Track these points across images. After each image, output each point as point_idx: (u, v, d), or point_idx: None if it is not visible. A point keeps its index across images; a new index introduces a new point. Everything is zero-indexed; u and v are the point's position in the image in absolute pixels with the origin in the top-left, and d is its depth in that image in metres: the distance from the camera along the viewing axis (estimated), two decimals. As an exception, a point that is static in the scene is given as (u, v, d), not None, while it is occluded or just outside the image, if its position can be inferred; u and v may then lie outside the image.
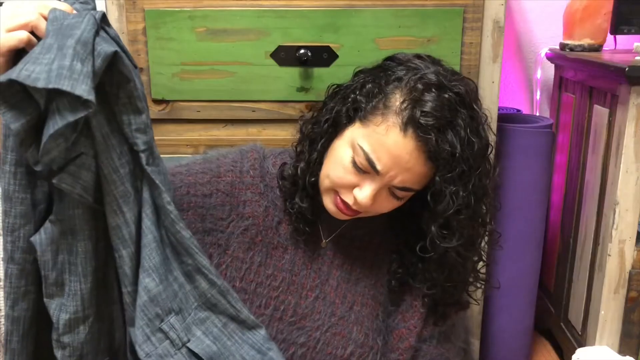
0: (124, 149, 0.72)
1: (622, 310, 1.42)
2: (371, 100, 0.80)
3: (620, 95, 1.33)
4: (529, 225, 1.52)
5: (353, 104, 0.82)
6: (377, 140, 0.77)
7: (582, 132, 1.57)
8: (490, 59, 1.29)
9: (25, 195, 0.71)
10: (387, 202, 0.82)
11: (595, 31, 1.63)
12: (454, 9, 1.23)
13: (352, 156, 0.80)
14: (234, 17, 1.22)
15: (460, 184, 0.77)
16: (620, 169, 1.33)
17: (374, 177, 0.79)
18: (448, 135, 0.75)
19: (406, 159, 0.77)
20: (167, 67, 1.25)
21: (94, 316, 0.77)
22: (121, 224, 0.73)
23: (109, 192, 0.71)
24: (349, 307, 0.91)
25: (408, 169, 0.77)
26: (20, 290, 0.74)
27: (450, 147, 0.75)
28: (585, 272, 1.53)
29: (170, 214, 0.75)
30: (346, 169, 0.80)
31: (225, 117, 1.30)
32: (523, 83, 1.89)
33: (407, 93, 0.78)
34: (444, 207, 0.78)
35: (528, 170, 1.48)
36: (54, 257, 0.73)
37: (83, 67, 0.62)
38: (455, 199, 0.77)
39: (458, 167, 0.76)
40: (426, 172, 0.79)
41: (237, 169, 0.91)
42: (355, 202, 0.81)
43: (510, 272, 1.54)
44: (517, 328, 1.60)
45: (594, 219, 1.48)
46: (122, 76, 0.68)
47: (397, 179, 0.78)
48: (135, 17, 1.23)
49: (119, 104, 0.70)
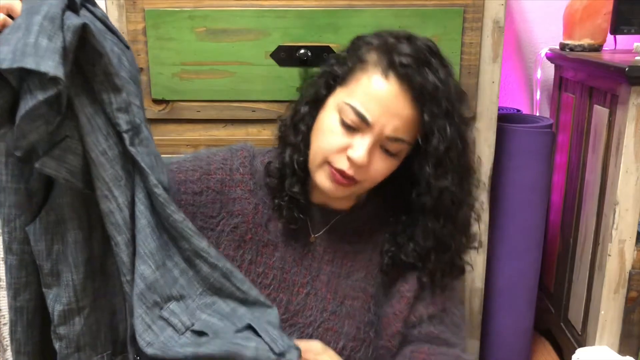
0: (111, 130, 0.69)
1: (622, 310, 1.42)
2: (347, 64, 0.83)
3: (620, 95, 1.33)
4: (529, 225, 1.52)
5: (329, 77, 0.85)
6: (362, 93, 0.79)
7: (582, 132, 1.57)
8: (490, 59, 1.29)
9: (19, 185, 0.70)
10: (382, 162, 0.82)
11: (595, 31, 1.63)
12: (454, 9, 1.23)
13: (339, 118, 0.81)
14: (234, 17, 1.22)
15: (446, 120, 0.79)
16: (620, 169, 1.33)
17: (364, 133, 0.79)
18: (427, 74, 0.78)
19: (393, 103, 0.78)
20: (167, 67, 1.25)
21: (90, 307, 0.75)
22: (114, 210, 0.69)
23: (99, 176, 0.68)
24: (340, 302, 0.91)
25: (396, 114, 0.78)
26: (21, 280, 0.74)
27: (432, 82, 0.78)
28: (585, 272, 1.53)
29: (158, 197, 0.70)
30: (335, 132, 0.81)
31: (225, 117, 1.30)
32: (523, 83, 1.89)
33: (381, 46, 0.81)
34: (435, 144, 0.79)
35: (528, 170, 1.48)
36: (48, 246, 0.72)
37: (50, 43, 0.59)
38: (445, 135, 0.79)
39: (442, 102, 0.79)
40: (414, 116, 0.79)
41: (227, 167, 0.92)
42: (350, 164, 0.80)
43: (510, 272, 1.54)
44: (517, 328, 1.60)
45: (594, 219, 1.48)
46: (95, 51, 0.65)
47: (388, 128, 0.79)
48: (135, 17, 1.23)
49: (97, 82, 0.67)
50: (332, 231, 0.93)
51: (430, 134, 0.79)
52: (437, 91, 0.78)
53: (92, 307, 0.75)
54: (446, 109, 0.79)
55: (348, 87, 0.81)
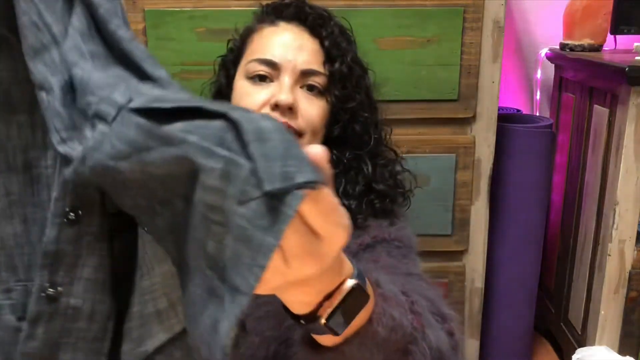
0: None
1: (622, 310, 1.42)
2: (236, 46, 0.87)
3: (620, 95, 1.33)
4: (529, 225, 1.52)
5: (227, 66, 0.87)
6: (259, 46, 0.81)
7: (582, 132, 1.57)
8: (490, 59, 1.29)
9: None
10: (309, 103, 0.80)
11: (595, 31, 1.63)
12: (454, 9, 1.23)
13: (247, 80, 0.81)
14: (234, 17, 1.22)
15: (345, 46, 0.82)
16: (620, 169, 1.33)
17: (279, 77, 0.79)
18: (311, 8, 0.83)
19: (293, 40, 0.80)
20: (167, 67, 1.25)
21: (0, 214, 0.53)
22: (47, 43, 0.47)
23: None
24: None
25: (300, 48, 0.80)
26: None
27: (319, 12, 0.82)
28: (585, 272, 1.53)
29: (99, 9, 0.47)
30: (250, 92, 0.80)
31: (225, 117, 1.30)
32: (523, 83, 1.89)
33: (260, 13, 0.87)
34: (338, 67, 0.81)
35: (528, 170, 1.48)
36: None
37: None
38: (346, 58, 0.81)
39: (334, 29, 0.82)
40: (317, 47, 0.81)
41: None
42: (280, 112, 0.77)
43: (510, 272, 1.54)
44: (517, 328, 1.60)
45: (594, 219, 1.48)
46: None
47: (298, 62, 0.79)
48: (135, 17, 1.23)
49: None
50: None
51: (332, 58, 0.81)
52: (327, 19, 0.82)
53: (3, 215, 0.54)
54: (343, 39, 0.83)
55: (245, 56, 0.83)
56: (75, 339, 0.53)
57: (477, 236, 1.40)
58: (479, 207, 1.38)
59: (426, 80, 1.26)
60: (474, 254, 1.42)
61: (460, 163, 1.34)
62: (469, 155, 1.34)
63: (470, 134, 1.34)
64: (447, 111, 1.31)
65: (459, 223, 1.38)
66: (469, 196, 1.37)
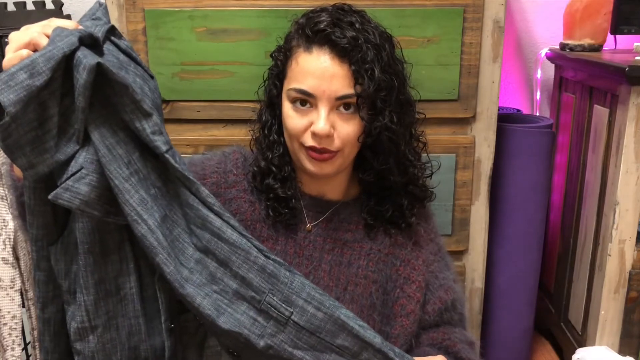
0: (133, 158, 0.72)
1: (622, 310, 1.42)
2: (279, 60, 0.91)
3: (620, 95, 1.33)
4: (529, 225, 1.52)
5: (273, 78, 0.92)
6: (296, 74, 0.86)
7: (582, 132, 1.57)
8: (490, 59, 1.29)
9: (45, 207, 0.74)
10: (345, 124, 0.86)
11: (595, 31, 1.63)
12: (454, 9, 1.23)
13: (290, 105, 0.87)
14: (234, 17, 1.22)
15: (373, 64, 0.84)
16: (620, 169, 1.33)
17: (315, 105, 0.85)
18: (343, 29, 0.84)
19: (325, 68, 0.83)
20: (167, 67, 1.25)
21: (104, 327, 0.78)
22: (145, 233, 0.72)
23: (126, 202, 0.71)
24: (344, 288, 0.94)
25: (332, 76, 0.83)
26: (48, 295, 0.79)
27: (349, 36, 0.83)
28: (585, 272, 1.53)
29: (213, 206, 0.75)
30: (293, 117, 0.87)
31: (225, 117, 1.30)
32: (523, 83, 1.89)
33: (297, 29, 0.89)
34: (365, 87, 0.83)
35: (528, 170, 1.48)
36: (67, 266, 0.76)
37: (28, 79, 0.63)
38: (373, 77, 0.83)
39: (365, 49, 0.83)
40: (347, 72, 0.84)
41: (222, 169, 0.96)
42: (318, 139, 0.85)
43: (510, 272, 1.54)
44: (517, 328, 1.60)
45: (594, 219, 1.48)
46: (119, 84, 0.69)
47: (332, 90, 0.83)
48: (135, 17, 1.23)
49: (128, 112, 0.71)
50: (329, 221, 0.96)
51: (360, 80, 0.83)
52: (356, 40, 0.83)
53: (106, 327, 0.79)
54: (373, 54, 0.84)
55: (287, 77, 0.88)
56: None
57: (477, 236, 1.40)
58: (479, 207, 1.38)
59: (426, 80, 1.26)
60: (474, 254, 1.42)
61: (460, 163, 1.34)
62: (469, 155, 1.34)
63: (470, 134, 1.34)
64: (447, 111, 1.31)
65: (459, 223, 1.38)
66: (469, 196, 1.37)
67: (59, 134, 0.70)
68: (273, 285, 0.75)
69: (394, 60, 0.88)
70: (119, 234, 0.77)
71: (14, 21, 1.49)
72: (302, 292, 0.75)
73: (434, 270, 0.97)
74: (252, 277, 0.74)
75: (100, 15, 0.75)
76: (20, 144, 0.66)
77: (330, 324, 0.74)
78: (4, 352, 1.29)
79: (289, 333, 0.74)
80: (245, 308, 0.74)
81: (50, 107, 0.68)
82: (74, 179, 0.69)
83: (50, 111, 0.68)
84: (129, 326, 0.80)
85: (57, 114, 0.69)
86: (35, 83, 0.64)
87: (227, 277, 0.75)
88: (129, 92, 0.69)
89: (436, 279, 0.96)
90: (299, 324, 0.74)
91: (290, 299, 0.75)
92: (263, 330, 0.74)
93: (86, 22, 0.74)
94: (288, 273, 0.76)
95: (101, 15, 0.75)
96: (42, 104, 0.67)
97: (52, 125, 0.69)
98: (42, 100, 0.67)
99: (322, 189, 0.96)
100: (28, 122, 0.66)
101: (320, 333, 0.74)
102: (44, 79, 0.64)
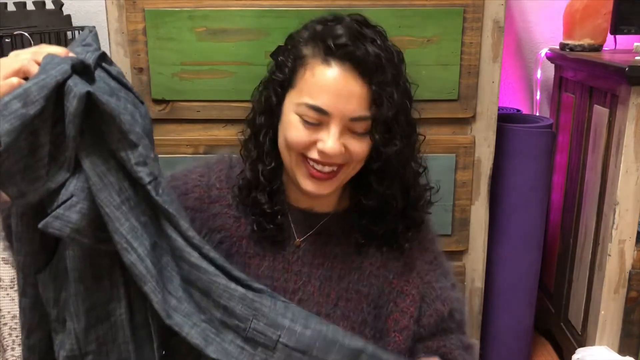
0: (124, 185, 0.71)
1: (622, 310, 1.42)
2: (287, 67, 0.83)
3: (620, 95, 1.33)
4: (529, 225, 1.52)
5: (275, 84, 0.85)
6: (310, 87, 0.79)
7: (582, 132, 1.57)
8: (490, 59, 1.29)
9: (34, 235, 0.73)
10: (357, 143, 0.81)
11: (595, 31, 1.63)
12: (454, 9, 1.23)
13: (300, 119, 0.81)
14: (234, 17, 1.22)
15: (393, 86, 0.80)
16: (620, 169, 1.33)
17: (327, 124, 0.80)
18: (366, 45, 0.78)
19: (343, 86, 0.78)
20: (167, 67, 1.25)
21: (94, 354, 0.77)
22: (135, 261, 0.71)
23: (116, 230, 0.70)
24: (334, 304, 0.90)
25: (350, 96, 0.78)
26: (34, 321, 0.78)
27: (373, 53, 0.78)
28: (585, 272, 1.53)
29: (192, 239, 0.74)
30: (300, 130, 0.81)
31: (225, 117, 1.30)
32: (523, 83, 1.89)
33: (313, 37, 0.81)
34: (384, 112, 0.79)
35: (528, 170, 1.48)
36: (56, 294, 0.75)
37: (22, 108, 0.63)
38: (392, 101, 0.79)
39: (387, 69, 0.79)
40: (365, 92, 0.79)
41: (204, 183, 0.92)
42: (323, 154, 0.80)
43: (510, 272, 1.54)
44: (517, 328, 1.60)
45: (594, 219, 1.48)
46: (108, 114, 0.68)
47: (348, 110, 0.79)
48: (135, 17, 1.23)
49: (114, 141, 0.70)
50: (319, 235, 0.92)
51: (379, 102, 0.79)
52: (380, 59, 0.78)
53: (97, 354, 0.78)
54: (392, 75, 0.80)
55: (296, 88, 0.82)
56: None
57: (477, 236, 1.40)
58: (478, 207, 1.38)
59: (426, 80, 1.26)
60: (474, 254, 1.42)
61: (460, 163, 1.34)
62: (469, 155, 1.34)
63: (470, 134, 1.34)
64: (447, 111, 1.31)
65: (459, 223, 1.38)
66: (469, 196, 1.37)
67: (49, 162, 0.68)
68: (257, 311, 0.74)
69: (408, 83, 0.85)
70: (110, 259, 0.75)
71: (14, 21, 1.49)
72: (287, 313, 0.74)
73: (429, 280, 0.93)
74: (234, 306, 0.73)
75: (90, 41, 0.74)
76: (11, 172, 0.65)
77: (320, 340, 0.73)
78: (4, 352, 1.29)
79: (278, 358, 0.73)
80: (232, 337, 0.74)
81: (42, 135, 0.67)
82: (64, 207, 0.68)
83: (42, 139, 0.67)
84: (118, 352, 0.79)
85: (48, 142, 0.67)
86: (29, 112, 0.63)
87: (211, 307, 0.74)
88: (117, 122, 0.68)
89: (432, 290, 0.92)
90: (289, 345, 0.73)
91: (276, 322, 0.74)
92: (252, 359, 0.73)
93: (76, 48, 0.73)
94: (270, 298, 0.75)
95: (92, 42, 0.74)
96: (34, 132, 0.66)
97: (43, 154, 0.67)
98: (34, 129, 0.65)
99: (312, 202, 0.91)
100: (19, 150, 0.65)
101: (312, 351, 0.73)
102: (38, 108, 0.63)
